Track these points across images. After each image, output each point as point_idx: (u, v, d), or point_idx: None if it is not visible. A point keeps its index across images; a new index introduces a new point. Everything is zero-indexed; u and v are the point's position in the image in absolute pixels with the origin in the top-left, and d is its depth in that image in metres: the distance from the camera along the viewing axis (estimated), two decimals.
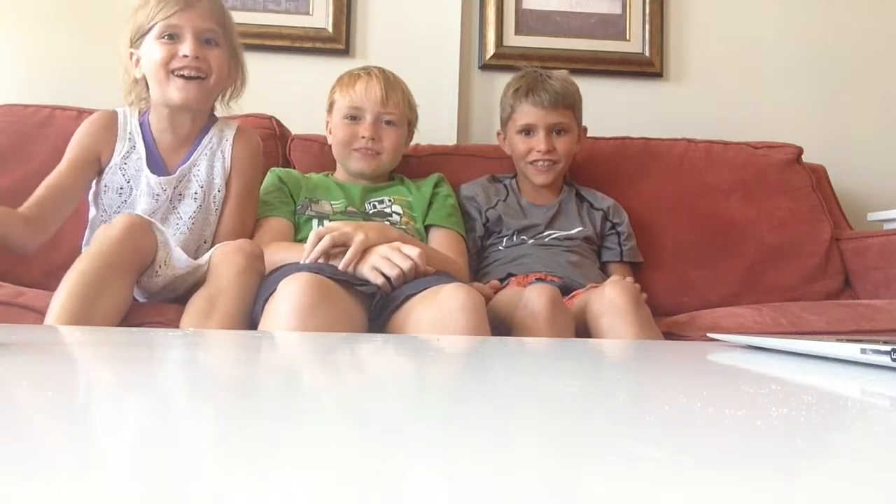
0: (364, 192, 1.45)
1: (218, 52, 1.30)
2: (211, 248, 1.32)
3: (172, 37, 1.26)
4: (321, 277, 1.07)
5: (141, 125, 1.34)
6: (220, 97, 1.39)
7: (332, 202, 1.42)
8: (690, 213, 1.71)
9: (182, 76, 1.26)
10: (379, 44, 1.90)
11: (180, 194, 1.32)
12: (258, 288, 1.19)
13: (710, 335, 0.78)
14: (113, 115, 1.35)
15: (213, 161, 1.34)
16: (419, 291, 1.12)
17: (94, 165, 1.31)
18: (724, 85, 2.02)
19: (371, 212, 1.43)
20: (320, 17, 1.89)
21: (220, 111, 1.41)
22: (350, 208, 1.42)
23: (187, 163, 1.33)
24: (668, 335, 1.26)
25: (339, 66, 1.63)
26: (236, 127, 1.39)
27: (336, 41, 1.88)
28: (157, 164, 1.32)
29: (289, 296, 1.03)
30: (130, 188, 1.31)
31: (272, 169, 1.49)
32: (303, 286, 1.03)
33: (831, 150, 1.97)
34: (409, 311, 1.11)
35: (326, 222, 1.36)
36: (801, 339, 0.62)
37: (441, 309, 1.06)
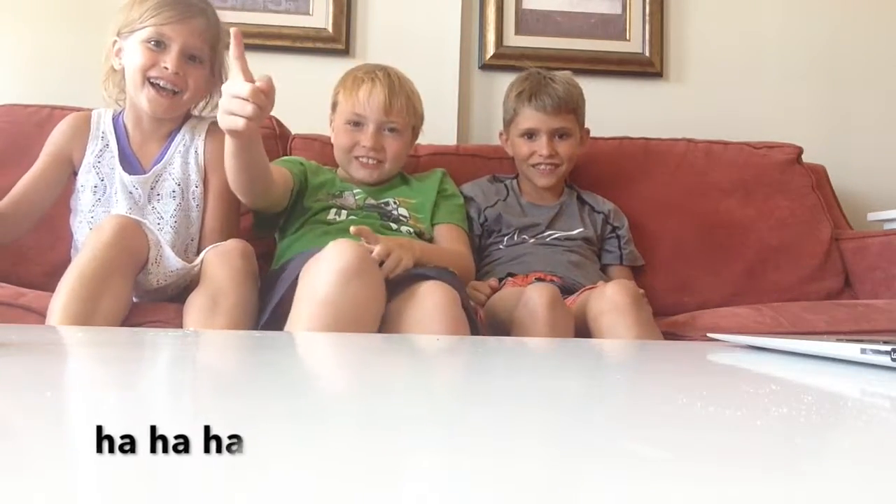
0: (370, 194, 1.45)
1: (199, 71, 1.30)
2: (198, 247, 1.33)
3: (159, 44, 1.26)
4: (365, 246, 1.09)
5: (115, 124, 1.35)
6: (192, 107, 1.39)
7: (356, 195, 1.41)
8: (690, 213, 1.71)
9: (157, 86, 1.27)
10: (379, 44, 1.90)
11: (158, 194, 1.32)
12: (260, 285, 1.20)
13: (710, 335, 0.78)
14: (86, 116, 1.36)
15: (186, 158, 1.34)
16: (402, 290, 1.13)
17: (67, 165, 1.33)
18: (724, 85, 2.02)
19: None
20: (320, 17, 1.89)
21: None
22: (369, 201, 1.41)
23: (161, 162, 1.33)
24: (668, 335, 1.26)
25: (339, 65, 1.63)
26: (208, 124, 1.38)
27: (336, 41, 1.88)
28: (130, 163, 1.32)
29: (336, 257, 1.03)
30: (105, 186, 1.31)
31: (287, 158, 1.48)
32: (350, 250, 1.04)
33: (831, 150, 1.97)
34: (390, 308, 1.11)
35: (344, 213, 1.37)
36: (801, 339, 0.62)
37: (418, 307, 1.08)
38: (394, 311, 1.10)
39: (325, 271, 1.03)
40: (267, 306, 1.13)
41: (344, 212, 1.37)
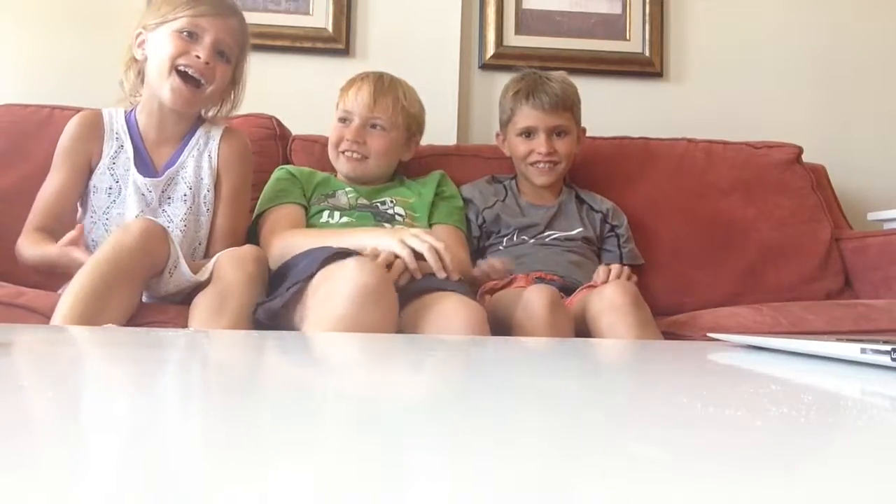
0: (365, 194, 1.45)
1: (225, 68, 1.31)
2: (206, 250, 1.33)
3: (192, 35, 1.27)
4: (379, 264, 1.09)
5: (128, 124, 1.34)
6: (205, 110, 1.39)
7: (348, 194, 1.42)
8: (690, 213, 1.71)
9: (184, 74, 1.26)
10: (379, 44, 1.90)
11: (169, 197, 1.32)
12: (272, 277, 1.20)
13: (710, 335, 0.78)
14: (96, 114, 1.35)
15: (200, 161, 1.34)
16: (424, 294, 1.12)
17: (87, 169, 1.32)
18: (724, 85, 2.02)
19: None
20: (320, 17, 1.89)
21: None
22: (361, 201, 1.42)
23: (175, 165, 1.33)
24: (668, 335, 1.26)
25: (339, 65, 1.63)
26: (223, 128, 1.38)
27: (336, 41, 1.88)
28: (144, 164, 1.32)
29: (353, 276, 1.01)
30: (119, 188, 1.31)
31: (280, 167, 1.49)
32: (370, 269, 1.03)
33: (831, 150, 1.97)
34: (413, 314, 1.11)
35: (337, 214, 1.38)
36: (801, 339, 0.62)
37: (444, 322, 1.07)
38: (414, 323, 1.09)
39: (342, 289, 1.01)
40: (272, 294, 1.13)
41: (337, 213, 1.38)
